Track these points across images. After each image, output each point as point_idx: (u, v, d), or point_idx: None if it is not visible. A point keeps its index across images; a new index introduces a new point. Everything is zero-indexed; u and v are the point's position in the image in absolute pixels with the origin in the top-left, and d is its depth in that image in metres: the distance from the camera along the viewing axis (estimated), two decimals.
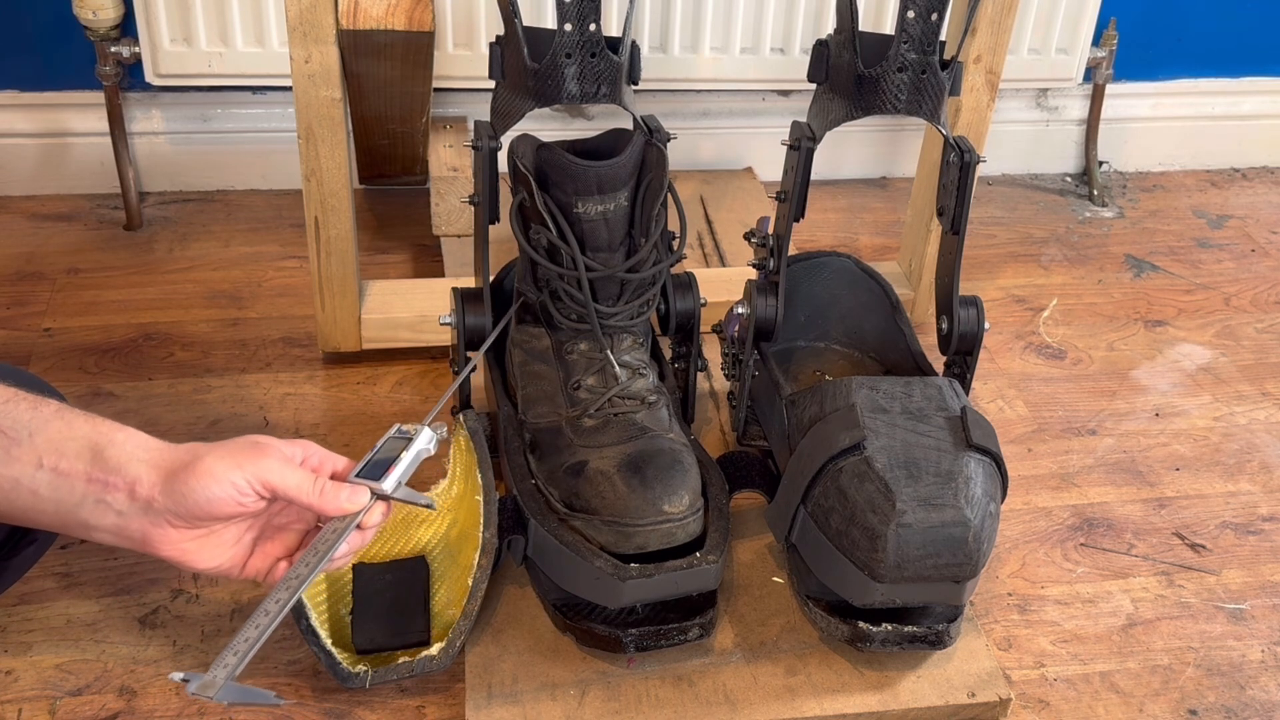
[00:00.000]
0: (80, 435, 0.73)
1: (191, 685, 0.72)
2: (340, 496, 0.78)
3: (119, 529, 0.74)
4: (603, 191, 0.98)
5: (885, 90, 0.98)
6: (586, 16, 0.94)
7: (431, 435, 0.86)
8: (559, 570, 0.95)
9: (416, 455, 0.85)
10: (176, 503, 0.73)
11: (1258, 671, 1.02)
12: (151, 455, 0.74)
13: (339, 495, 0.78)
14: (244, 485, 0.74)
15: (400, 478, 0.83)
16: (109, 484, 0.72)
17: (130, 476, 0.73)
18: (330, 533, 0.79)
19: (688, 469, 0.95)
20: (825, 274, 1.20)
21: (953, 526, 0.90)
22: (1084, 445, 1.26)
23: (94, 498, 0.72)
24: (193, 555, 0.76)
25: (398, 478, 0.83)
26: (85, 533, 0.75)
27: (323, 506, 0.78)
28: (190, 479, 0.73)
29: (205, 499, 0.73)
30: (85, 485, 0.72)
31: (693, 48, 1.52)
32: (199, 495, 0.73)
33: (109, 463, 0.73)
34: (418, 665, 0.91)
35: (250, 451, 0.75)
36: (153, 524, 0.74)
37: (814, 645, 0.98)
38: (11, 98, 1.51)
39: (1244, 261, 1.61)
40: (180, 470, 0.73)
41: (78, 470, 0.72)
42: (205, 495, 0.73)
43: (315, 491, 0.77)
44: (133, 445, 0.74)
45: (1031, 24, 1.58)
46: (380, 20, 1.22)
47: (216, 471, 0.73)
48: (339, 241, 1.20)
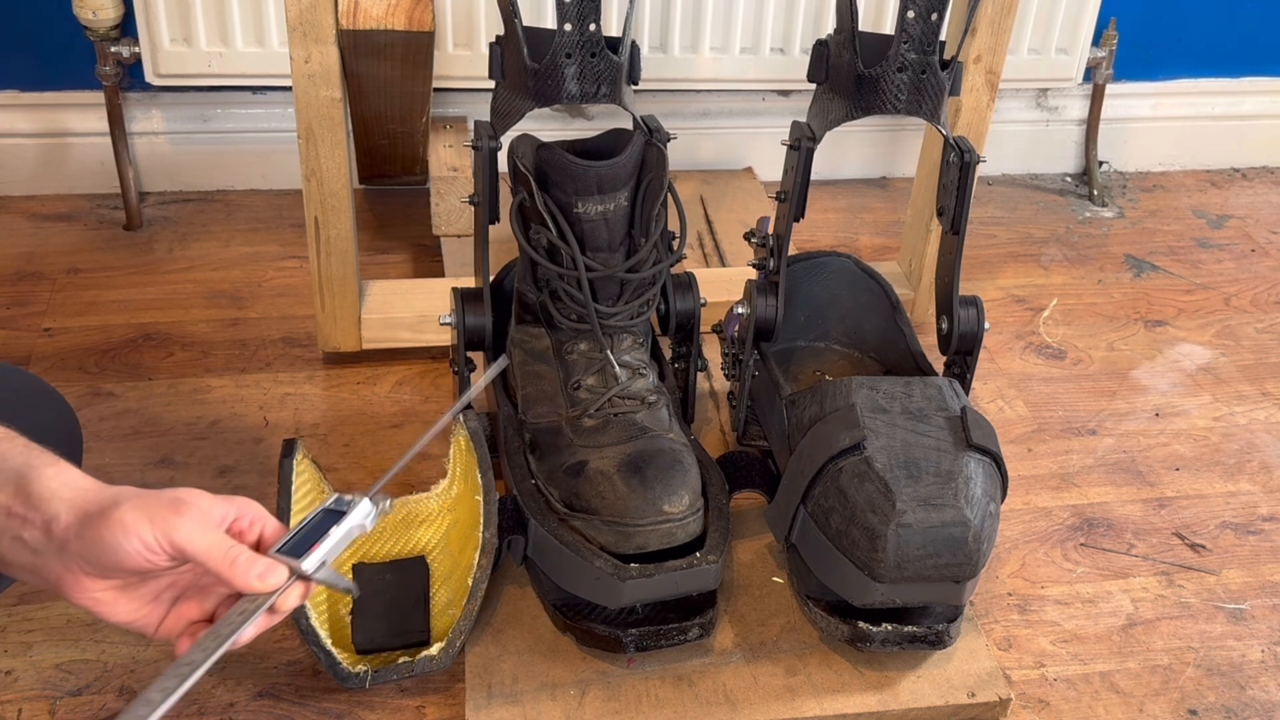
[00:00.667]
0: (10, 467, 0.69)
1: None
2: (252, 571, 0.70)
3: (35, 568, 0.70)
4: (603, 191, 0.98)
5: (885, 90, 0.98)
6: (586, 16, 0.94)
7: (371, 509, 0.76)
8: (559, 570, 0.95)
9: (348, 532, 0.75)
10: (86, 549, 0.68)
11: (1258, 671, 1.02)
12: (74, 495, 0.69)
13: (251, 569, 0.70)
14: (151, 542, 0.68)
15: (325, 556, 0.73)
16: (27, 519, 0.68)
17: (49, 513, 0.68)
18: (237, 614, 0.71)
19: (688, 469, 0.94)
20: (825, 274, 1.20)
21: (953, 526, 0.90)
22: (1084, 445, 1.26)
23: (11, 533, 0.68)
24: (105, 606, 0.71)
25: (321, 556, 0.73)
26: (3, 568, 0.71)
27: (231, 578, 0.70)
28: (101, 527, 0.68)
29: (112, 549, 0.68)
30: (5, 519, 0.68)
31: (693, 48, 1.52)
32: (106, 544, 0.67)
33: (30, 498, 0.68)
34: (418, 665, 0.91)
35: (168, 508, 0.69)
36: (66, 568, 0.69)
37: (814, 645, 0.98)
38: (11, 98, 1.51)
39: (1244, 261, 1.61)
40: (95, 515, 0.68)
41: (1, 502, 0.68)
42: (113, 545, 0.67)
43: (226, 561, 0.69)
44: (58, 482, 0.69)
45: (1031, 24, 1.58)
46: (380, 20, 1.22)
47: (127, 523, 0.68)
48: (339, 241, 1.20)
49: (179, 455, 1.16)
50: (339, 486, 1.11)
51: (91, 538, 0.68)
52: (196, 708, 0.92)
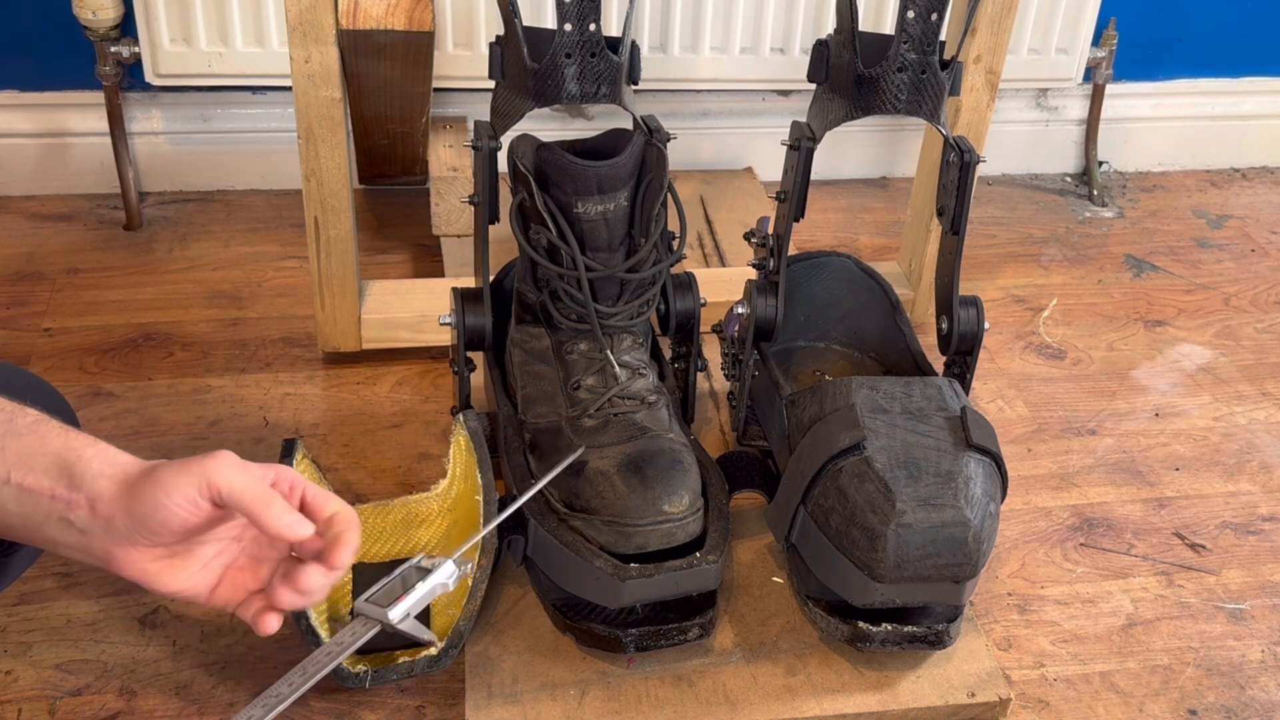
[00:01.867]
0: (51, 450, 0.71)
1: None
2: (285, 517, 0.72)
3: (83, 546, 0.72)
4: (603, 191, 0.98)
5: (885, 90, 0.98)
6: (586, 16, 0.94)
7: (454, 570, 0.84)
8: (559, 570, 0.95)
9: (432, 589, 0.83)
10: (132, 518, 0.70)
11: (1258, 671, 1.02)
12: (115, 471, 0.71)
13: (284, 515, 0.72)
14: (192, 493, 0.70)
15: (410, 609, 0.81)
16: (72, 501, 0.70)
17: (92, 493, 0.70)
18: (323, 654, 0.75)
19: (688, 469, 0.94)
20: (825, 274, 1.20)
21: (953, 526, 0.90)
22: (1084, 445, 1.26)
23: (58, 515, 0.70)
24: (155, 577, 0.73)
25: (406, 608, 0.80)
26: (53, 548, 0.73)
27: (263, 521, 0.71)
28: (142, 490, 0.70)
29: (154, 509, 0.70)
30: (50, 502, 0.70)
31: (693, 48, 1.52)
32: (148, 506, 0.70)
33: (75, 479, 0.70)
34: (418, 665, 0.91)
35: (202, 460, 0.72)
36: (114, 543, 0.71)
37: (814, 645, 0.98)
38: (11, 98, 1.51)
39: (1244, 261, 1.61)
40: (136, 481, 0.71)
41: (43, 486, 0.70)
42: (154, 505, 0.70)
43: (261, 503, 0.71)
44: (99, 462, 0.71)
45: (1031, 24, 1.58)
46: (380, 20, 1.22)
47: (165, 481, 0.70)
48: (339, 241, 1.20)
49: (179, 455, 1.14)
50: (339, 486, 1.11)
51: (134, 504, 0.70)
52: (197, 708, 0.92)
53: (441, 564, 0.83)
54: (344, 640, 0.77)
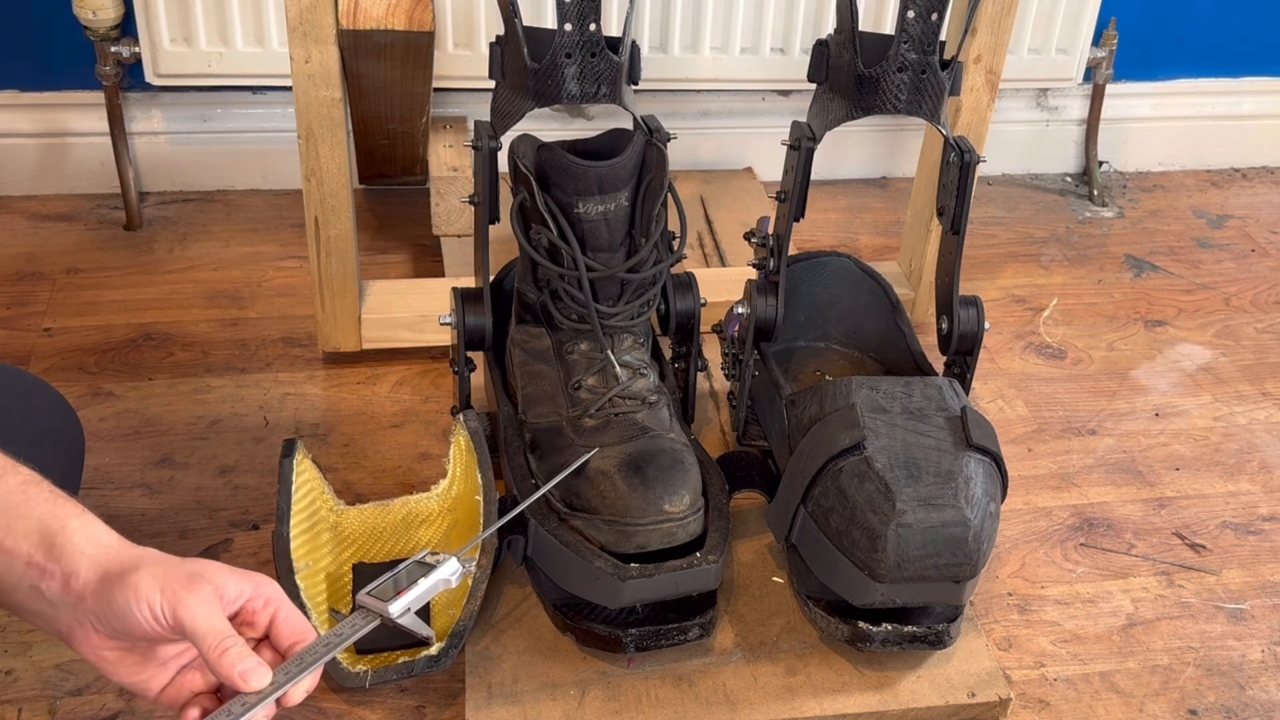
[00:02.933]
0: (36, 515, 0.69)
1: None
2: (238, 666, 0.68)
3: (48, 618, 0.70)
4: (603, 191, 0.98)
5: (885, 90, 0.98)
6: (586, 16, 0.94)
7: (458, 568, 0.83)
8: (559, 570, 0.95)
9: (434, 585, 0.81)
10: (100, 608, 0.68)
11: (1258, 671, 1.02)
12: (97, 552, 0.69)
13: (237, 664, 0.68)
14: (159, 613, 0.68)
15: (411, 604, 0.80)
16: (48, 572, 0.68)
17: (69, 568, 0.68)
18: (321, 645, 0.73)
19: (688, 469, 0.94)
20: (825, 274, 1.20)
21: (953, 526, 0.90)
22: (1084, 445, 1.26)
23: (29, 582, 0.69)
24: (110, 665, 0.71)
25: (407, 603, 0.79)
26: (17, 612, 0.71)
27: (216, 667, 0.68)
28: (117, 589, 0.68)
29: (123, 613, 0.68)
30: (25, 568, 0.69)
31: (693, 48, 1.52)
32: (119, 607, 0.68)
33: (54, 550, 0.68)
34: (418, 665, 0.91)
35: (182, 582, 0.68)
36: (78, 622, 0.69)
37: (814, 645, 0.98)
38: (11, 98, 1.51)
39: (1244, 261, 1.61)
40: (114, 576, 0.68)
41: (21, 550, 0.68)
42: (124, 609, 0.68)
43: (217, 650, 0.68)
44: (82, 536, 0.69)
45: (1031, 24, 1.58)
46: (380, 20, 1.22)
47: (141, 589, 0.67)
48: (339, 241, 1.20)
49: (179, 455, 1.16)
50: (339, 486, 1.11)
51: (106, 598, 0.68)
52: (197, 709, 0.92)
53: (445, 560, 0.83)
54: (343, 632, 0.76)
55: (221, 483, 1.13)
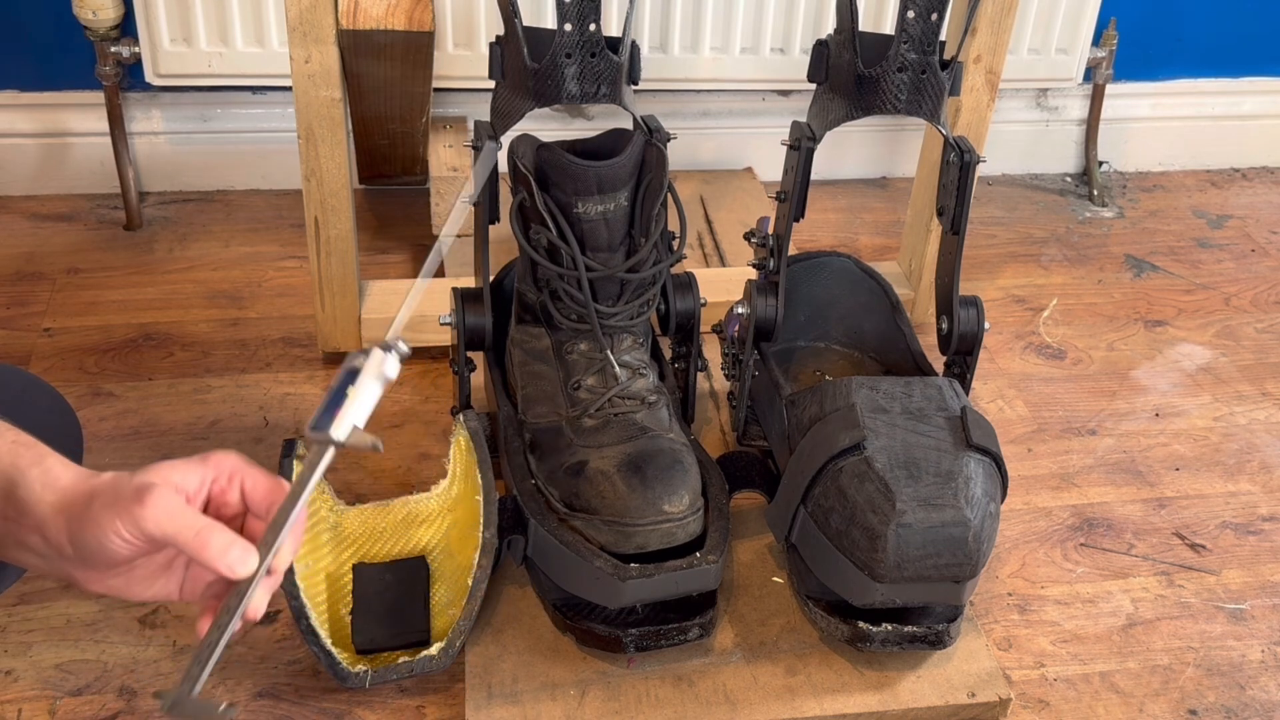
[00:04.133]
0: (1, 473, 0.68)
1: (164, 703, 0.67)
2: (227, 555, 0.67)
3: (47, 570, 0.70)
4: (603, 191, 0.98)
5: (885, 90, 0.98)
6: (586, 16, 0.94)
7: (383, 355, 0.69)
8: (559, 570, 0.95)
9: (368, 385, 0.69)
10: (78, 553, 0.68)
11: (1258, 671, 1.02)
12: (56, 498, 0.68)
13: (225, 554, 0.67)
14: (124, 532, 0.67)
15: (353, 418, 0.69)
16: (24, 527, 0.68)
17: (38, 519, 0.67)
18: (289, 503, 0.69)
19: (688, 469, 0.94)
20: (825, 274, 1.20)
21: (953, 526, 0.90)
22: (1084, 445, 1.26)
23: (15, 540, 0.68)
24: (123, 590, 0.71)
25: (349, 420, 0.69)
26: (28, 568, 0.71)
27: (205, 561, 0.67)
28: (83, 529, 0.67)
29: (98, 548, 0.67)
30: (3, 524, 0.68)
31: (693, 48, 1.52)
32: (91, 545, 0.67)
33: (19, 504, 0.68)
34: (418, 665, 0.91)
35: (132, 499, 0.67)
36: (74, 568, 0.69)
37: (814, 645, 0.98)
38: (11, 98, 1.51)
39: (1244, 261, 1.61)
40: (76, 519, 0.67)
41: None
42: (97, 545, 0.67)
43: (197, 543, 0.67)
44: (40, 485, 0.68)
45: (1031, 24, 1.58)
46: (380, 20, 1.22)
47: (101, 522, 0.66)
48: (339, 241, 1.20)
49: (179, 455, 1.14)
50: (339, 486, 1.11)
51: (78, 543, 0.67)
52: None
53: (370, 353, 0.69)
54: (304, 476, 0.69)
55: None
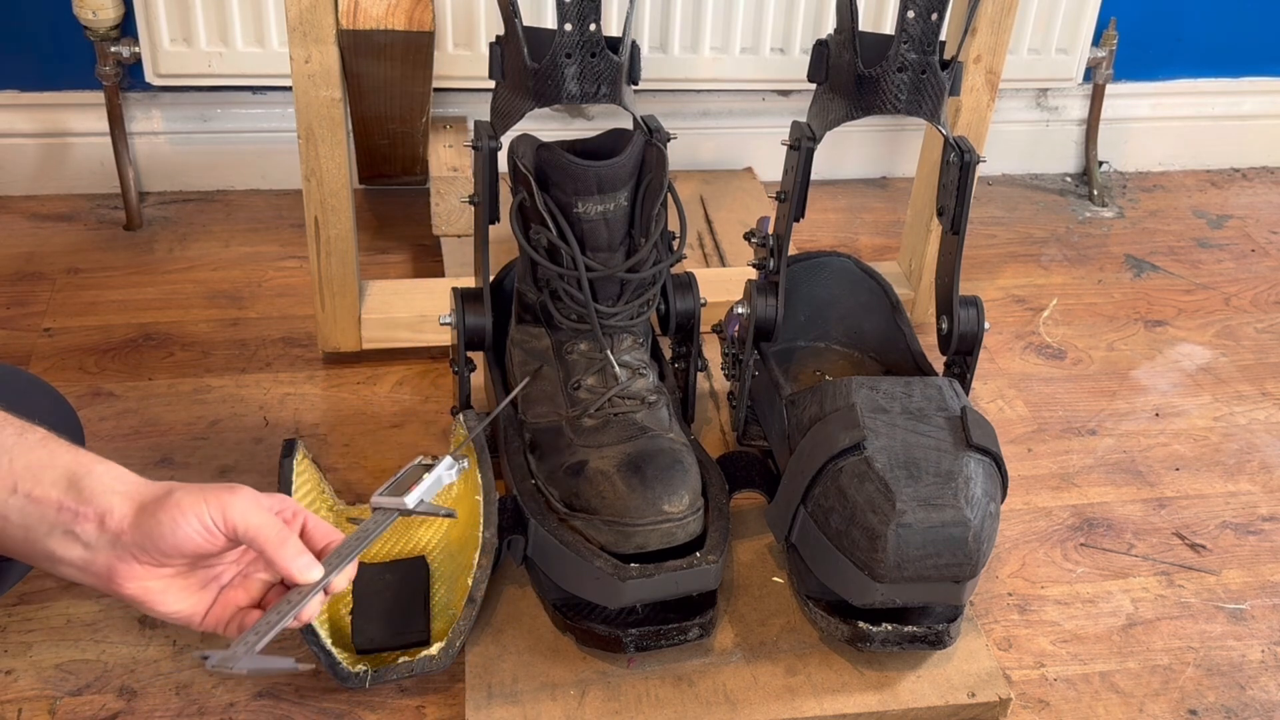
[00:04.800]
0: (60, 464, 0.72)
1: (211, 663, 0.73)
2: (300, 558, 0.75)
3: (85, 563, 0.72)
4: (603, 191, 0.98)
5: (885, 90, 0.98)
6: (586, 16, 0.94)
7: (453, 463, 0.90)
8: (559, 570, 0.95)
9: (437, 479, 0.89)
10: (144, 536, 0.71)
11: (1258, 671, 1.02)
12: (127, 488, 0.73)
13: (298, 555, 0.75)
14: (209, 522, 0.72)
15: (423, 495, 0.88)
16: (80, 514, 0.71)
17: (102, 507, 0.71)
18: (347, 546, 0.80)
19: (688, 469, 0.94)
20: (825, 274, 1.20)
21: (953, 526, 0.90)
22: (1084, 445, 1.26)
23: (63, 527, 0.71)
24: (156, 596, 0.74)
25: (419, 494, 0.87)
26: (51, 565, 0.73)
27: (276, 559, 0.75)
28: (159, 512, 0.71)
29: (170, 532, 0.71)
30: (56, 513, 0.71)
31: (693, 48, 1.52)
32: (165, 528, 0.71)
33: (83, 493, 0.71)
34: (418, 665, 0.91)
35: (221, 491, 0.74)
36: (119, 558, 0.72)
37: (814, 645, 0.98)
38: (11, 98, 1.51)
39: (1244, 261, 1.61)
40: (151, 503, 0.72)
41: (51, 498, 0.71)
42: (171, 529, 0.71)
43: (277, 541, 0.74)
44: (110, 477, 0.73)
45: (1031, 24, 1.58)
46: (380, 20, 1.22)
47: (184, 505, 0.72)
48: (339, 241, 1.20)
49: (179, 455, 1.16)
50: (339, 486, 1.11)
51: (149, 526, 0.71)
52: (197, 708, 0.92)
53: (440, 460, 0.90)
54: (368, 528, 0.82)
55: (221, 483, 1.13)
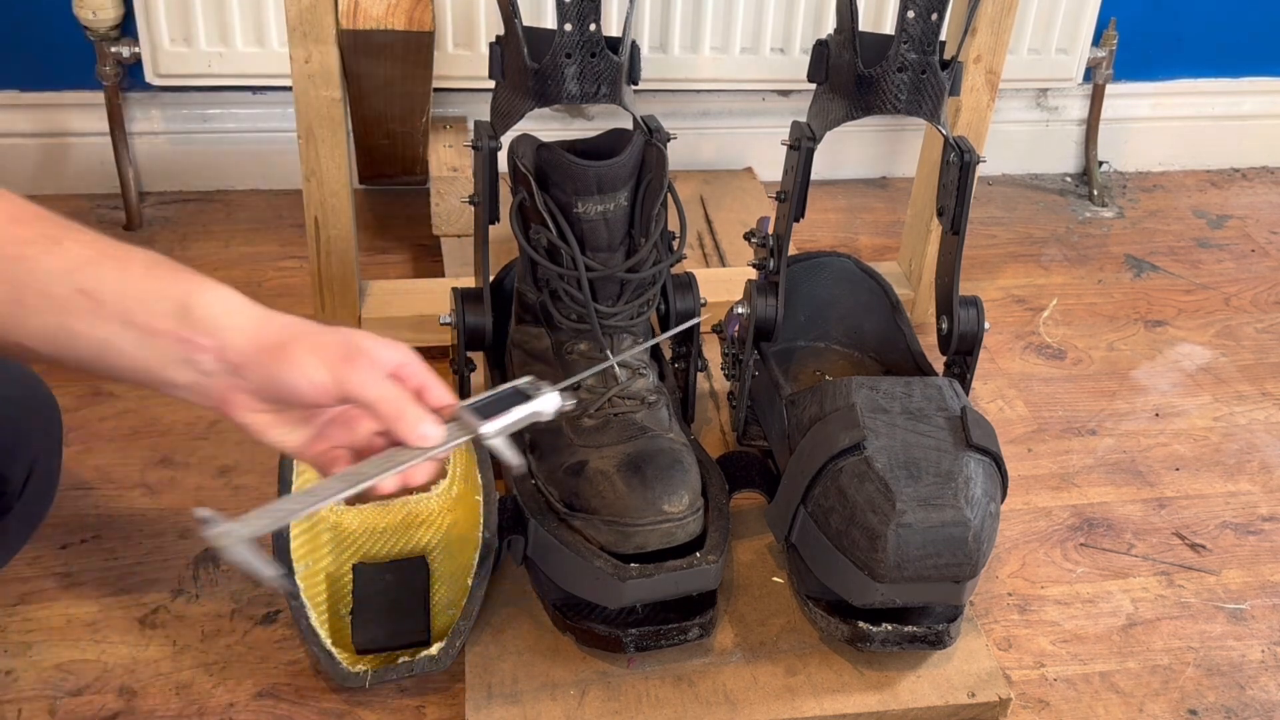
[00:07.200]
0: (172, 295, 0.72)
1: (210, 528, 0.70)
2: (418, 426, 0.73)
3: (201, 388, 0.73)
4: (603, 191, 0.98)
5: (885, 90, 0.98)
6: (586, 16, 0.94)
7: (558, 401, 0.79)
8: (559, 570, 0.95)
9: (530, 414, 0.78)
10: (260, 379, 0.72)
11: (1258, 671, 1.02)
12: (245, 323, 0.73)
13: (417, 424, 0.73)
14: (324, 385, 0.72)
15: (504, 428, 0.76)
16: (197, 344, 0.71)
17: (221, 340, 0.71)
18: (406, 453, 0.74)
19: (688, 469, 0.94)
20: (825, 274, 1.20)
21: (953, 526, 0.90)
22: (1084, 445, 1.26)
23: (181, 357, 0.71)
24: (264, 426, 0.75)
25: (500, 426, 0.76)
26: (167, 390, 0.73)
27: (395, 428, 0.73)
28: (278, 361, 0.72)
29: (286, 384, 0.72)
30: (173, 344, 0.71)
31: (693, 48, 1.52)
32: (282, 379, 0.72)
33: (198, 323, 0.71)
34: (417, 665, 0.91)
35: (341, 355, 0.72)
36: (232, 388, 0.72)
37: (814, 645, 0.98)
38: (11, 98, 1.51)
39: (1244, 261, 1.61)
40: (272, 348, 0.72)
41: (166, 329, 0.71)
42: (288, 381, 0.72)
43: (395, 412, 0.73)
44: (221, 306, 0.72)
45: (1031, 24, 1.58)
46: (380, 20, 1.22)
47: (304, 364, 0.72)
48: (339, 241, 1.20)
49: (179, 455, 1.16)
50: None
51: (268, 371, 0.71)
52: (197, 708, 0.92)
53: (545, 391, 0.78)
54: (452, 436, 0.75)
55: (221, 483, 1.13)
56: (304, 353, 0.72)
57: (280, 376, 0.71)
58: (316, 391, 0.72)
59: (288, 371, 0.71)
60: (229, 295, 0.74)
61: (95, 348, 0.71)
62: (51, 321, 0.69)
